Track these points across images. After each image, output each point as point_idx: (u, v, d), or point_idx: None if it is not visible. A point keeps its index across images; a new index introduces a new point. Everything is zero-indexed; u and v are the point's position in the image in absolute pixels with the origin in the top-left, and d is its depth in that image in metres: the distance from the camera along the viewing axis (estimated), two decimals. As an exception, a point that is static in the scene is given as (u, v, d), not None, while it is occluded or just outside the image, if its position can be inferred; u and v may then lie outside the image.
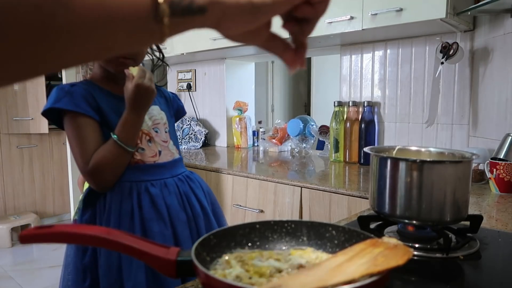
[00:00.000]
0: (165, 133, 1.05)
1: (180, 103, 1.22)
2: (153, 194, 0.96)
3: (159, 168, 1.01)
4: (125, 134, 0.91)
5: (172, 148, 1.06)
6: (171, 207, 0.98)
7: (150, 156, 1.00)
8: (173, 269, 0.49)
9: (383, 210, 0.78)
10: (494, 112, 1.50)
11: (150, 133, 1.01)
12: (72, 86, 0.95)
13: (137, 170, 0.97)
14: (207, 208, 1.07)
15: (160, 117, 1.06)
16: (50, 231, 0.53)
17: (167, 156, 1.03)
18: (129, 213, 0.94)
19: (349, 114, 1.96)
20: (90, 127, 0.93)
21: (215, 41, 2.14)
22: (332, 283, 0.42)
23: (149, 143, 1.01)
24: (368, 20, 1.57)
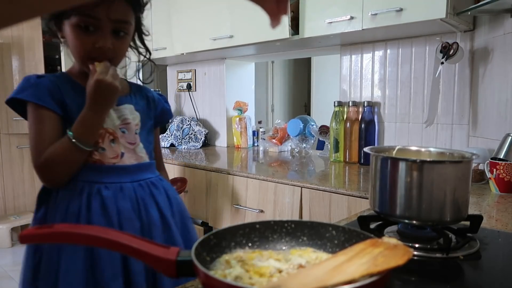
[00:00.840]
0: (134, 135, 0.98)
1: (166, 106, 1.14)
2: (104, 197, 0.90)
3: (118, 171, 0.94)
4: (81, 132, 0.85)
5: (140, 151, 0.99)
6: (122, 212, 0.91)
7: (110, 157, 0.93)
8: (173, 269, 0.49)
9: (383, 210, 0.78)
10: (494, 112, 1.50)
11: (115, 133, 0.94)
12: (38, 78, 0.90)
13: (93, 170, 0.91)
14: (168, 218, 0.98)
15: (132, 117, 0.99)
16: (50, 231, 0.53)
17: (130, 159, 0.96)
18: (76, 214, 0.89)
19: (349, 114, 1.96)
20: (50, 121, 0.88)
21: (215, 41, 2.14)
22: (332, 283, 0.42)
23: (112, 144, 0.94)
24: (368, 20, 1.57)
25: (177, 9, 2.33)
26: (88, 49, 0.87)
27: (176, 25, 2.34)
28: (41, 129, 0.87)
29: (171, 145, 2.63)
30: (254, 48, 2.22)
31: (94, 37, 0.86)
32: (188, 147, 2.58)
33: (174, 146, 2.62)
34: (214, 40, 2.14)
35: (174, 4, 2.34)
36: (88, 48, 0.87)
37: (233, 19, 2.05)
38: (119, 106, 0.96)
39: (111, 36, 0.88)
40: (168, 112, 1.14)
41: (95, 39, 0.86)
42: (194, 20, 2.24)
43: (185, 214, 1.07)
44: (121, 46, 0.91)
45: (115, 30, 0.88)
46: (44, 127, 0.87)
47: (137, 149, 0.99)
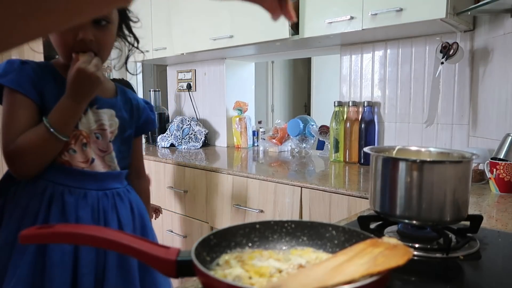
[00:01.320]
0: (107, 143, 0.94)
1: (151, 115, 1.09)
2: (66, 202, 0.86)
3: (86, 177, 0.90)
4: (58, 119, 0.81)
5: (110, 160, 0.95)
6: (81, 221, 0.86)
7: (79, 161, 0.89)
8: (173, 269, 0.49)
9: (383, 210, 0.78)
10: (494, 112, 1.50)
11: (88, 137, 0.90)
12: (22, 64, 0.87)
13: (60, 171, 0.87)
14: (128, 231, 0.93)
15: (109, 124, 0.94)
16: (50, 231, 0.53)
17: (99, 167, 0.92)
18: (34, 215, 0.85)
19: (349, 114, 1.96)
20: (27, 108, 0.84)
21: (215, 41, 2.14)
22: (332, 283, 0.42)
23: (84, 147, 0.90)
24: (368, 20, 1.57)
25: (177, 9, 2.33)
26: (69, 44, 0.84)
27: (176, 25, 2.34)
28: (16, 116, 0.83)
29: (171, 145, 2.63)
30: (254, 48, 2.22)
31: (75, 30, 0.82)
32: (188, 147, 2.58)
33: (174, 146, 2.62)
34: (214, 40, 2.14)
35: (174, 4, 2.33)
36: (69, 42, 0.84)
37: (233, 19, 2.05)
38: (99, 109, 0.92)
39: (92, 27, 0.84)
40: (152, 122, 1.10)
41: (76, 32, 0.82)
42: (194, 20, 2.24)
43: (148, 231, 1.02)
44: (104, 36, 0.86)
45: (95, 20, 0.84)
46: (20, 114, 0.83)
47: (108, 157, 0.95)
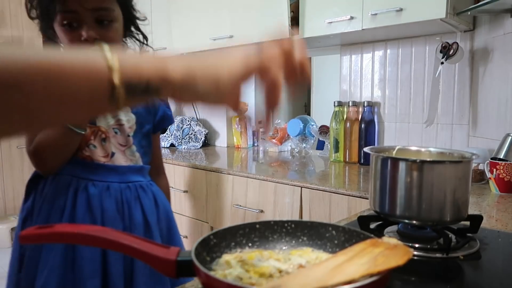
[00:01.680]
0: (126, 137, 0.98)
1: (167, 111, 1.12)
2: (90, 194, 0.90)
3: (107, 170, 0.94)
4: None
5: (131, 154, 0.98)
6: (106, 211, 0.91)
7: (100, 156, 0.93)
8: (173, 269, 0.49)
9: (383, 210, 0.78)
10: (494, 112, 1.50)
11: (107, 132, 0.94)
12: None
13: (82, 166, 0.91)
14: (152, 224, 0.97)
15: (126, 120, 0.98)
16: (50, 231, 0.53)
17: (120, 160, 0.96)
18: (61, 209, 0.89)
19: (349, 114, 1.96)
20: None
21: (215, 41, 2.14)
22: (332, 283, 0.42)
23: (103, 142, 0.94)
24: (368, 20, 1.57)
25: (177, 9, 2.33)
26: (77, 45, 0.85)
27: (176, 25, 2.34)
28: None
29: (171, 145, 2.63)
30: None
31: (79, 31, 0.84)
32: (188, 147, 2.58)
33: (174, 146, 2.62)
34: (214, 40, 2.14)
35: (174, 4, 2.33)
36: (76, 43, 0.85)
37: (233, 19, 2.05)
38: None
39: (95, 27, 0.85)
40: (169, 118, 1.12)
41: (80, 33, 0.84)
42: (194, 20, 2.24)
43: (172, 224, 1.05)
44: (109, 34, 0.88)
45: (98, 20, 0.86)
46: None
47: (128, 151, 0.98)
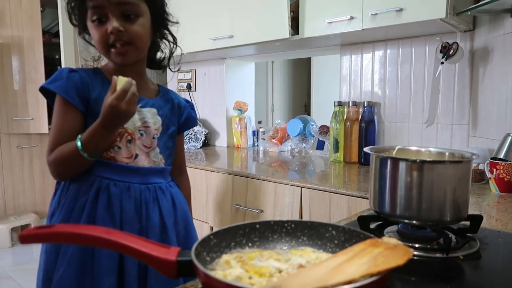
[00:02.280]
0: (152, 139, 1.00)
1: (192, 113, 1.16)
2: (111, 194, 0.93)
3: (129, 171, 0.96)
4: (87, 141, 0.88)
5: (154, 156, 1.01)
6: (125, 212, 0.94)
7: (124, 157, 0.96)
8: (174, 269, 0.49)
9: (383, 210, 0.78)
10: (494, 112, 1.50)
11: (133, 134, 0.97)
12: (70, 72, 0.94)
13: (106, 167, 0.94)
14: (169, 225, 0.99)
15: (153, 122, 1.01)
16: (50, 231, 0.53)
17: (143, 162, 0.98)
18: (82, 207, 0.93)
19: (349, 114, 1.96)
20: (72, 117, 0.92)
21: (215, 41, 2.14)
22: (332, 283, 0.42)
23: (129, 144, 0.97)
24: (368, 20, 1.57)
25: (177, 9, 2.33)
26: (104, 38, 0.91)
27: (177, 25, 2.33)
28: (61, 125, 0.92)
29: (171, 145, 2.63)
30: (254, 48, 2.22)
31: (107, 25, 0.90)
32: (188, 147, 2.58)
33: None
34: (214, 40, 2.14)
35: (174, 5, 2.33)
36: (104, 37, 0.90)
37: (233, 19, 2.05)
38: (142, 108, 0.99)
39: (121, 20, 0.90)
40: (193, 120, 1.16)
41: (107, 26, 0.90)
42: (194, 20, 2.24)
43: (190, 226, 1.08)
44: (135, 28, 0.92)
45: (124, 14, 0.91)
46: (64, 124, 0.92)
47: (152, 153, 1.00)
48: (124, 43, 0.91)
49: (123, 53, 0.92)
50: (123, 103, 0.84)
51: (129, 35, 0.91)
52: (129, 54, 0.93)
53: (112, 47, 0.92)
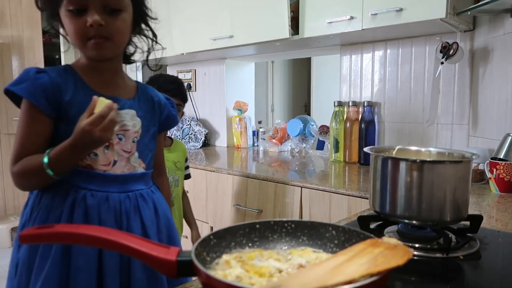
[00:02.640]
0: (131, 143, 0.93)
1: (172, 111, 1.08)
2: (88, 205, 0.85)
3: (107, 180, 0.88)
4: (55, 162, 0.80)
5: (134, 161, 0.93)
6: (104, 224, 0.86)
7: (101, 164, 0.88)
8: (174, 269, 0.49)
9: (383, 210, 0.78)
10: (494, 112, 1.50)
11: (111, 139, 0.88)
12: (38, 72, 0.84)
13: (82, 176, 0.86)
14: (151, 235, 0.92)
15: (132, 124, 0.93)
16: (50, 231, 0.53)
17: (122, 168, 0.91)
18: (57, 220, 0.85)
19: (349, 114, 1.96)
20: (40, 124, 0.84)
21: (215, 41, 2.14)
22: (332, 283, 0.42)
23: (106, 150, 0.89)
24: (368, 20, 1.57)
25: (177, 9, 2.33)
26: (82, 31, 0.83)
27: (176, 25, 2.34)
28: (28, 132, 0.84)
29: (171, 145, 2.63)
30: (254, 48, 2.22)
31: (85, 17, 0.82)
32: (188, 147, 2.58)
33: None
34: (214, 40, 2.14)
35: (174, 4, 2.34)
36: (82, 29, 0.82)
37: (233, 19, 2.05)
38: (120, 110, 0.90)
39: (102, 13, 0.83)
40: (174, 119, 1.09)
41: (87, 18, 0.82)
42: (194, 20, 2.24)
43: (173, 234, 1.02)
44: (116, 22, 0.85)
45: (106, 7, 0.83)
46: (31, 130, 0.84)
47: (132, 158, 0.93)
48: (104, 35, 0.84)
49: (101, 45, 0.84)
50: (98, 129, 0.77)
51: (110, 30, 0.84)
52: (107, 48, 0.85)
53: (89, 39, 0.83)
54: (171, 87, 1.47)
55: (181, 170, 1.58)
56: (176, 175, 1.55)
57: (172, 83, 1.51)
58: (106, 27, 0.83)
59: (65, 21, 0.85)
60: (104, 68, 0.90)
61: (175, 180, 1.54)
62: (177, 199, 1.55)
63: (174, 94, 1.40)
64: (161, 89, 1.38)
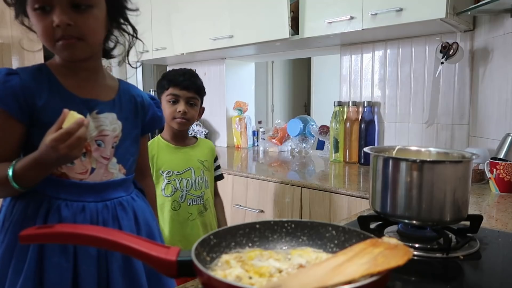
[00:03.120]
0: (110, 149, 0.86)
1: (157, 112, 1.01)
2: (62, 217, 0.79)
3: (83, 189, 0.82)
4: (22, 175, 0.75)
5: (113, 167, 0.87)
6: None
7: (77, 172, 0.82)
8: (174, 269, 0.49)
9: (383, 210, 0.78)
10: (494, 112, 1.50)
11: (89, 145, 0.83)
12: (8, 75, 0.78)
13: (56, 185, 0.80)
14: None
15: (112, 128, 0.87)
16: (50, 231, 0.53)
17: (100, 176, 0.85)
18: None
19: (349, 114, 1.96)
20: (9, 129, 0.78)
21: (215, 41, 2.14)
22: (332, 283, 0.42)
23: (83, 157, 0.82)
24: (368, 20, 1.57)
25: (177, 9, 2.33)
26: (49, 31, 0.75)
27: (176, 25, 2.34)
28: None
29: (171, 145, 2.63)
30: (254, 48, 2.22)
31: (52, 16, 0.74)
32: (188, 147, 2.58)
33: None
34: (214, 40, 2.14)
35: (174, 4, 2.33)
36: (48, 30, 0.75)
37: (233, 19, 2.05)
38: (99, 114, 0.85)
39: (71, 11, 0.75)
40: (159, 120, 1.03)
41: (53, 18, 0.74)
42: (194, 20, 2.24)
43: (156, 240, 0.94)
44: (86, 21, 0.77)
45: (73, 3, 0.75)
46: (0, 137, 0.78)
47: (110, 164, 0.87)
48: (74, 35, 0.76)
49: (72, 45, 0.77)
50: (63, 146, 0.70)
51: (80, 30, 0.76)
52: (80, 49, 0.78)
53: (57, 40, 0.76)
54: (181, 79, 1.36)
55: (210, 170, 1.45)
56: (205, 175, 1.42)
57: (183, 75, 1.38)
58: (75, 26, 0.76)
59: (33, 21, 0.78)
60: (81, 68, 0.84)
61: (205, 181, 1.41)
62: (209, 202, 1.42)
63: (185, 86, 1.35)
64: (171, 83, 1.35)
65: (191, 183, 1.37)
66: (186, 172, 1.37)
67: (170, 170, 1.36)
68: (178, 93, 1.36)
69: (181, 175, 1.37)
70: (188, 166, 1.38)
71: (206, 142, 1.53)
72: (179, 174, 1.37)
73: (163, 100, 1.38)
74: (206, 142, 1.53)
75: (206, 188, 1.41)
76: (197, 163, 1.41)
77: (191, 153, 1.41)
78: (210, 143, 1.54)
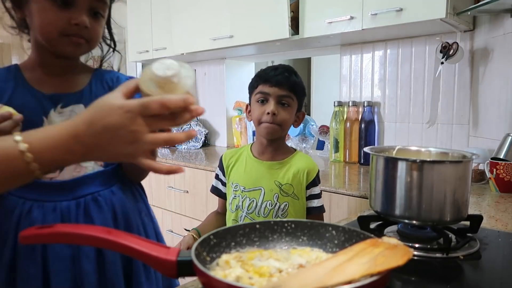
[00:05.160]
0: None
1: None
2: (33, 218, 0.77)
3: (54, 188, 0.80)
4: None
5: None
6: None
7: None
8: (174, 269, 0.49)
9: (383, 210, 0.78)
10: (494, 112, 1.50)
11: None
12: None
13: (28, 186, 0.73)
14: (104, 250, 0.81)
15: None
16: (50, 231, 0.53)
17: (70, 172, 0.81)
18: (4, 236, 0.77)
19: (349, 114, 1.96)
20: None
21: (215, 41, 2.14)
22: (332, 283, 0.43)
23: None
24: (368, 20, 1.57)
25: (177, 9, 2.33)
26: (63, 26, 0.76)
27: (176, 25, 2.34)
28: None
29: (171, 145, 2.63)
30: (254, 48, 2.22)
31: (71, 12, 0.76)
32: (188, 147, 2.58)
33: (174, 146, 2.62)
34: (214, 40, 2.14)
35: (174, 4, 2.34)
36: (63, 24, 0.76)
37: (233, 19, 2.05)
38: (64, 108, 0.82)
39: (89, 15, 0.79)
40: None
41: (72, 15, 0.76)
42: (194, 20, 2.24)
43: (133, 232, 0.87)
44: (97, 27, 0.82)
45: (91, 9, 0.79)
46: None
47: None
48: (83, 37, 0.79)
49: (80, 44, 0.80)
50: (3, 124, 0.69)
51: (90, 33, 0.80)
52: (83, 49, 0.82)
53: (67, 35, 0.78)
54: (272, 73, 1.15)
55: (295, 197, 1.11)
56: (281, 202, 1.10)
57: (275, 69, 1.17)
58: (88, 30, 0.79)
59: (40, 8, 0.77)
60: (60, 65, 0.84)
61: (279, 209, 1.10)
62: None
63: (277, 82, 1.13)
64: (261, 79, 1.15)
65: (255, 205, 1.11)
66: (255, 192, 1.11)
67: (238, 184, 1.14)
68: (268, 90, 1.11)
69: (247, 192, 1.12)
70: (258, 185, 1.11)
71: (301, 160, 1.15)
72: (245, 191, 1.13)
73: (253, 102, 1.15)
74: (301, 159, 1.16)
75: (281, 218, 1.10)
76: (271, 184, 1.11)
77: (271, 171, 1.12)
78: (308, 163, 1.15)
